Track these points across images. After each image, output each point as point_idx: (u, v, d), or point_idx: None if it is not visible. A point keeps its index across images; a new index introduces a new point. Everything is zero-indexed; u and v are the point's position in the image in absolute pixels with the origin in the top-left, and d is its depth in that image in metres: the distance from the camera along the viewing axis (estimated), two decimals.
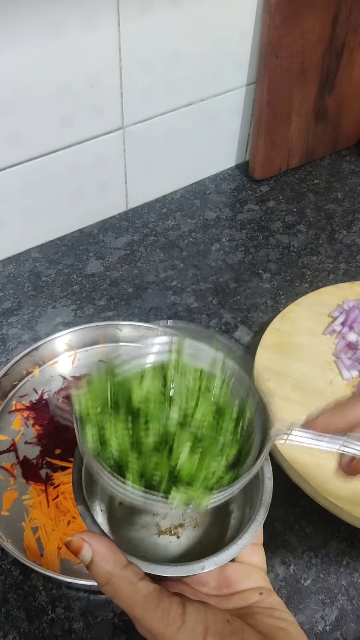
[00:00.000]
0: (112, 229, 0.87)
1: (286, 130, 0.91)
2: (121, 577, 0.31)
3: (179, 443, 0.31)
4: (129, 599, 0.31)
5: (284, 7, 0.76)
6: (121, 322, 0.71)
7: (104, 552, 0.32)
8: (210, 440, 0.31)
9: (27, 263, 0.82)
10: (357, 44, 0.87)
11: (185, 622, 0.31)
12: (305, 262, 0.84)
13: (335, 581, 0.55)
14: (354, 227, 0.89)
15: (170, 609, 0.31)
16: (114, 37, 0.69)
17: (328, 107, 0.92)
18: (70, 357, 0.70)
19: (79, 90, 0.71)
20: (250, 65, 0.85)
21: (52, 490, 0.58)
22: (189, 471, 0.31)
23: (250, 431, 0.33)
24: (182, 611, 0.31)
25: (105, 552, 0.32)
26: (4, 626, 0.52)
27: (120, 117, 0.78)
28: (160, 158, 0.87)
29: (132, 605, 0.31)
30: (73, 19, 0.65)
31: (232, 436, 0.32)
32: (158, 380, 0.33)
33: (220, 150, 0.94)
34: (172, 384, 0.33)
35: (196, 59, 0.79)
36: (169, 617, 0.31)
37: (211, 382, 0.34)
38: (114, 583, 0.31)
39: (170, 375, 0.33)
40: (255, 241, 0.87)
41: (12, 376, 0.67)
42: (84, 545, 0.33)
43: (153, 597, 0.31)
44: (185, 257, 0.84)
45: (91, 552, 0.32)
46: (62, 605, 0.53)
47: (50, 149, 0.74)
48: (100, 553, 0.32)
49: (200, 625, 0.31)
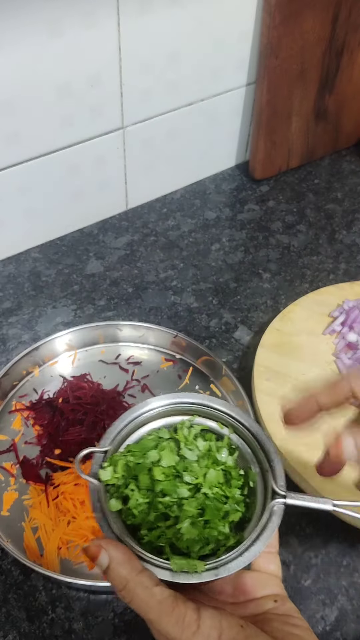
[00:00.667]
0: (112, 229, 0.87)
1: (286, 130, 0.91)
2: (137, 582, 0.32)
3: (184, 516, 0.35)
4: (145, 603, 0.32)
5: (284, 7, 0.76)
6: (121, 322, 0.71)
7: (120, 558, 0.33)
8: (214, 510, 0.35)
9: (27, 263, 0.82)
10: (357, 44, 0.87)
11: (200, 627, 0.31)
12: (305, 262, 0.84)
13: (335, 581, 0.55)
14: (354, 227, 0.89)
15: (186, 614, 0.32)
16: (114, 37, 0.69)
17: (328, 107, 0.92)
18: (70, 357, 0.70)
19: (78, 90, 0.71)
20: (250, 65, 0.85)
21: (52, 490, 0.58)
22: (189, 539, 0.34)
23: (254, 495, 0.36)
24: (197, 616, 0.32)
25: (121, 558, 0.33)
26: (4, 626, 0.52)
27: (120, 117, 0.77)
28: (160, 158, 0.87)
29: (148, 610, 0.32)
30: (73, 18, 0.65)
31: (236, 502, 0.36)
32: (172, 454, 0.37)
33: (220, 150, 0.94)
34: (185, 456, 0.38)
35: (196, 59, 0.79)
36: (184, 622, 0.31)
37: (219, 450, 0.38)
38: (131, 588, 0.32)
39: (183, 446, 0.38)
40: (255, 241, 0.87)
41: (12, 376, 0.67)
42: (101, 551, 0.33)
43: (168, 602, 0.32)
44: (185, 257, 0.84)
45: (108, 558, 0.33)
46: (62, 605, 0.53)
47: (50, 149, 0.74)
48: (116, 559, 0.33)
49: (214, 630, 0.31)
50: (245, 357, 0.72)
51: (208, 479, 0.37)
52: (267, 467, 0.38)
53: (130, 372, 0.70)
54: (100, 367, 0.70)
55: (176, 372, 0.70)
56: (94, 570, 0.54)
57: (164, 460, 0.37)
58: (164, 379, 0.69)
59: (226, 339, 0.74)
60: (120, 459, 0.37)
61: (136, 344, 0.72)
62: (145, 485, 0.36)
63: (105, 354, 0.71)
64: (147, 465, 0.37)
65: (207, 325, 0.75)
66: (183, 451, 0.38)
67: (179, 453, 0.38)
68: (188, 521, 0.35)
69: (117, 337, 0.72)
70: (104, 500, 0.36)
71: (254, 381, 0.66)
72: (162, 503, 0.35)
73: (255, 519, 0.36)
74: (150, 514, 0.35)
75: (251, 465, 0.38)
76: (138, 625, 0.52)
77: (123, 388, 0.68)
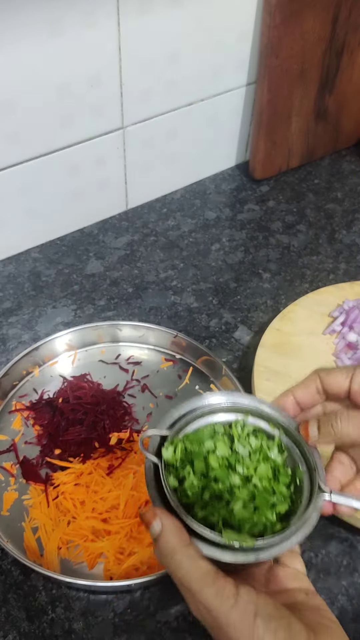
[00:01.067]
0: (112, 229, 0.87)
1: (286, 130, 0.91)
2: (184, 553, 0.35)
3: (236, 499, 0.38)
4: (189, 574, 0.34)
5: (284, 6, 0.76)
6: (121, 322, 0.71)
7: (172, 528, 0.36)
8: (263, 499, 0.38)
9: (27, 263, 0.82)
10: (357, 44, 0.87)
11: (238, 602, 0.34)
12: (305, 262, 0.84)
13: (335, 581, 0.55)
14: (354, 227, 0.89)
15: (225, 587, 0.34)
16: (114, 37, 0.69)
17: (328, 107, 0.92)
18: (70, 357, 0.70)
19: (78, 89, 0.71)
20: (250, 65, 0.85)
21: (52, 491, 0.58)
22: (240, 518, 0.37)
23: (300, 492, 0.39)
24: (236, 592, 0.34)
25: (173, 528, 0.36)
26: (4, 626, 0.52)
27: (120, 116, 0.77)
28: (160, 158, 0.87)
29: (191, 580, 0.34)
30: (73, 17, 0.65)
31: (282, 497, 0.39)
32: (226, 446, 0.40)
33: (220, 150, 0.94)
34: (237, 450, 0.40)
35: (196, 59, 0.79)
36: (224, 595, 0.34)
37: (270, 448, 0.41)
38: (177, 558, 0.35)
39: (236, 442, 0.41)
40: (255, 241, 0.87)
41: (12, 376, 0.67)
42: (155, 518, 0.36)
43: (211, 575, 0.34)
44: (185, 257, 0.84)
45: (161, 526, 0.36)
46: (62, 605, 0.53)
47: (50, 148, 0.74)
48: (168, 528, 0.36)
49: (251, 605, 0.34)
50: (245, 357, 0.72)
51: (258, 472, 0.39)
52: (315, 466, 0.40)
53: (130, 372, 0.70)
54: (100, 367, 0.70)
55: (176, 372, 0.70)
56: (94, 570, 0.54)
57: (218, 450, 0.40)
58: (164, 379, 0.69)
59: (226, 339, 0.74)
60: (179, 442, 0.39)
61: (136, 344, 0.72)
62: (200, 470, 0.39)
63: (105, 354, 0.71)
64: (202, 453, 0.39)
65: (207, 325, 0.75)
66: (236, 446, 0.40)
67: (232, 447, 0.40)
68: (240, 503, 0.37)
69: (117, 337, 0.72)
70: (163, 476, 0.38)
71: (254, 381, 0.66)
72: (215, 487, 0.38)
73: (299, 513, 0.38)
74: (204, 494, 0.38)
75: (299, 464, 0.40)
76: (138, 625, 0.52)
77: (123, 388, 0.68)
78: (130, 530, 0.55)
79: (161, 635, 0.51)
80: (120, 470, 0.59)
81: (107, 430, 0.62)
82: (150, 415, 0.66)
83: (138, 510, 0.34)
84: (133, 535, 0.55)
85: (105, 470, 0.59)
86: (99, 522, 0.56)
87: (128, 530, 0.55)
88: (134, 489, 0.58)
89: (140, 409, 0.66)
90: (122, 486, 0.58)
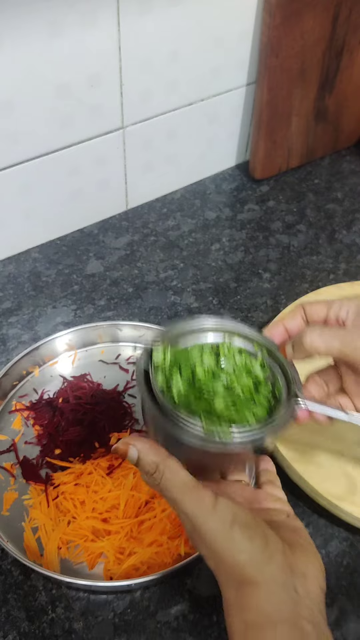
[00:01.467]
0: (112, 229, 0.87)
1: (286, 130, 0.91)
2: (165, 465, 0.38)
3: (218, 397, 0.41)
4: (171, 483, 0.37)
5: (284, 6, 0.76)
6: (121, 322, 0.71)
7: (147, 447, 0.39)
8: (243, 405, 0.41)
9: (27, 263, 0.82)
10: (357, 44, 0.87)
11: (216, 509, 0.36)
12: (305, 262, 0.84)
13: (335, 581, 0.55)
14: (354, 227, 0.89)
15: (205, 496, 0.37)
16: (113, 37, 0.69)
17: (328, 106, 0.92)
18: (70, 357, 0.70)
19: (78, 89, 0.71)
20: (250, 65, 0.85)
21: (52, 490, 0.58)
22: (220, 415, 0.40)
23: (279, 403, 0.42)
24: (215, 501, 0.37)
25: (148, 447, 0.39)
26: (4, 626, 0.52)
27: (120, 116, 0.77)
28: (160, 158, 0.87)
29: (172, 489, 0.37)
30: (73, 17, 0.65)
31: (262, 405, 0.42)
32: (212, 359, 0.44)
33: (220, 150, 0.94)
34: (222, 366, 0.44)
35: (196, 59, 0.79)
36: (203, 502, 0.37)
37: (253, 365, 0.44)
38: (160, 469, 0.38)
39: (222, 355, 0.45)
40: (255, 241, 0.87)
41: (12, 376, 0.67)
42: (129, 446, 0.39)
43: (191, 484, 0.37)
44: (185, 257, 0.84)
45: (137, 450, 0.39)
46: (62, 605, 0.53)
47: (50, 148, 0.74)
48: (144, 448, 0.39)
49: (229, 514, 0.36)
50: None
51: (240, 382, 0.43)
52: (293, 379, 0.43)
53: (130, 372, 0.69)
54: (100, 367, 0.70)
55: None
56: (94, 570, 0.54)
57: (205, 361, 0.44)
58: None
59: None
60: (169, 350, 0.43)
61: (136, 344, 0.72)
62: (186, 376, 0.42)
63: (105, 354, 0.71)
64: (190, 363, 0.43)
65: None
66: (221, 362, 0.44)
67: (218, 363, 0.44)
68: (222, 401, 0.41)
69: (117, 337, 0.72)
70: (152, 376, 0.41)
71: None
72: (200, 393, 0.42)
73: (276, 414, 0.41)
74: (189, 396, 0.41)
75: (279, 379, 0.43)
76: (138, 625, 0.52)
77: (123, 388, 0.68)
78: (130, 530, 0.55)
79: (161, 635, 0.51)
80: (120, 470, 0.59)
81: (107, 430, 0.62)
82: None
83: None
84: (133, 535, 0.55)
85: (106, 470, 0.59)
86: (99, 522, 0.56)
87: (128, 530, 0.55)
88: (134, 489, 0.58)
89: (139, 409, 0.66)
90: (122, 486, 0.58)
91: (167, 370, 0.42)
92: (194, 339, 0.45)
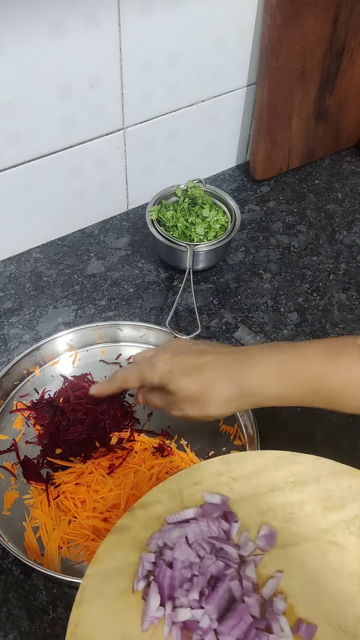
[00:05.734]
0: (113, 229, 0.88)
1: (287, 130, 0.91)
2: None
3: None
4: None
5: (285, 7, 0.76)
6: (122, 322, 0.72)
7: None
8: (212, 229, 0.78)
9: (29, 263, 0.82)
10: (357, 45, 0.87)
11: None
12: (305, 263, 0.84)
13: None
14: (354, 227, 0.89)
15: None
16: (114, 38, 0.70)
17: (328, 107, 0.92)
18: (71, 357, 0.71)
19: (79, 90, 0.71)
20: (250, 66, 0.85)
21: (53, 490, 0.59)
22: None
23: None
24: None
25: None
26: (4, 625, 0.52)
27: (121, 117, 0.78)
28: (161, 158, 0.87)
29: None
30: (74, 19, 0.65)
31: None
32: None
33: (220, 151, 0.95)
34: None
35: (197, 60, 0.79)
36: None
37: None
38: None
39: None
40: (255, 241, 0.87)
41: (13, 376, 0.67)
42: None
43: None
44: None
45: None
46: (62, 604, 0.53)
47: (51, 149, 0.75)
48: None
49: None
50: None
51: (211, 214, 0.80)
52: None
53: None
54: (101, 367, 0.70)
55: None
56: None
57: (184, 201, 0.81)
58: None
59: (227, 339, 0.74)
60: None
61: (137, 344, 0.72)
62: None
63: (105, 354, 0.71)
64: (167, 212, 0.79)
65: (207, 325, 0.75)
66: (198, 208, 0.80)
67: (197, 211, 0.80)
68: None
69: (118, 337, 0.72)
70: None
71: None
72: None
73: None
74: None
75: None
76: None
77: None
78: None
79: None
80: (121, 469, 0.59)
81: (107, 429, 0.62)
82: (150, 415, 0.66)
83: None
84: None
85: (106, 470, 0.59)
86: (99, 522, 0.56)
87: None
88: (135, 488, 0.58)
89: (140, 408, 0.66)
90: (123, 485, 0.58)
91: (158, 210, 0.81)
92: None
